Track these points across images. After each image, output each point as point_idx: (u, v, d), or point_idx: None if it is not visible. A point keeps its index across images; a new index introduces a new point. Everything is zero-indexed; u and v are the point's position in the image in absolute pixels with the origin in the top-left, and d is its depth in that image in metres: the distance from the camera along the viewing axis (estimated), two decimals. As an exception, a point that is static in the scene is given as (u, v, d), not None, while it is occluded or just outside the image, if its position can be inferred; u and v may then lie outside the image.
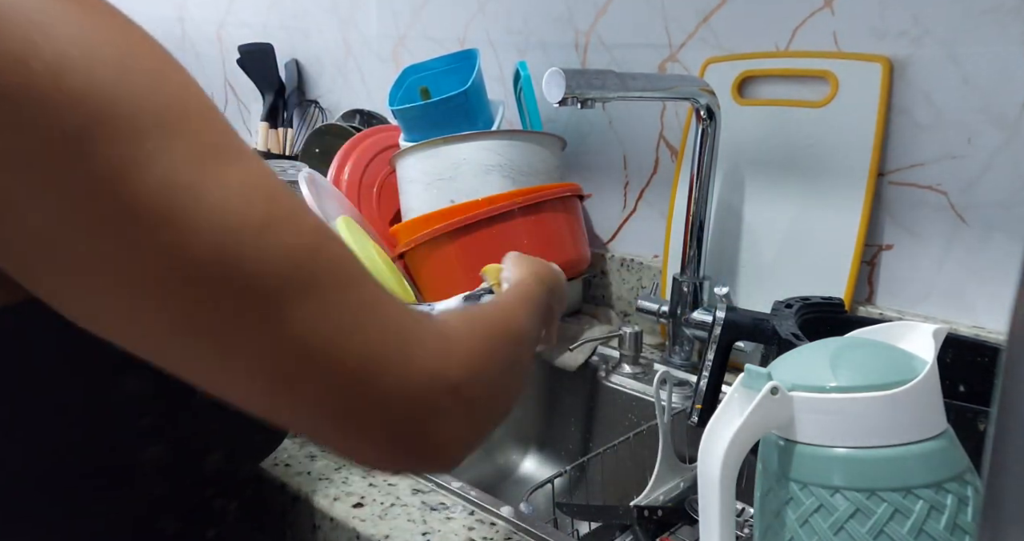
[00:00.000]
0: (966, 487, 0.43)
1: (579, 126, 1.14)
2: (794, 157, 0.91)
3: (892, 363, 0.44)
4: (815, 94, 0.90)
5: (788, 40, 0.92)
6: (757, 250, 0.96)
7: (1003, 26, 0.77)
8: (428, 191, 1.00)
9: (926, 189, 0.85)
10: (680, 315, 0.96)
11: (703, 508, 0.45)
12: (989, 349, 0.67)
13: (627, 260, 1.11)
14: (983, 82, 0.79)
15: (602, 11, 1.08)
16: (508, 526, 0.64)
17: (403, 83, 1.14)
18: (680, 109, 1.03)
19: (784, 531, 0.44)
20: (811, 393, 0.44)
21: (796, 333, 0.64)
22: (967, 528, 0.42)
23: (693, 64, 1.00)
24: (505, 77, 1.22)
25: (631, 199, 1.11)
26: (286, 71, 1.60)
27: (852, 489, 0.42)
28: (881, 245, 0.89)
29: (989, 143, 0.80)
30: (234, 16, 1.72)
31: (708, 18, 0.98)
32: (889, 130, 0.86)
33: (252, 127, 1.74)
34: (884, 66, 0.84)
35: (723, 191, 0.98)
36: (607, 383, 0.98)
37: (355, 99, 1.51)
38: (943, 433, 0.44)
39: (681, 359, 0.99)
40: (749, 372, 0.45)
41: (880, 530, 0.41)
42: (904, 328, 0.48)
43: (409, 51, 1.37)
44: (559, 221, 0.99)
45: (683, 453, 0.80)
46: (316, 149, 1.40)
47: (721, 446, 0.43)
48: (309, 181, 0.98)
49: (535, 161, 1.00)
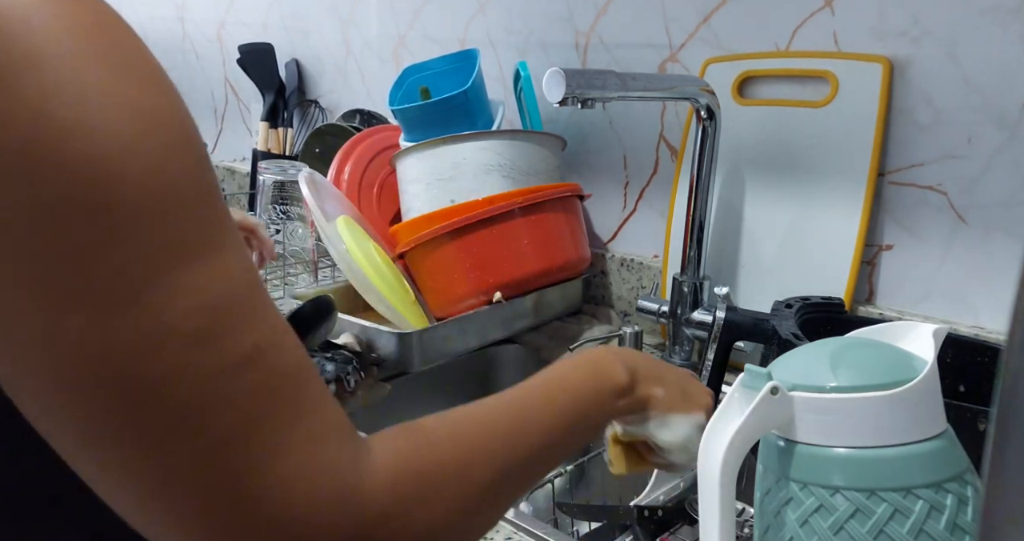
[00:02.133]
0: (966, 487, 0.43)
1: (579, 126, 1.14)
2: (794, 157, 0.91)
3: (892, 363, 0.44)
4: (815, 94, 0.90)
5: (788, 40, 0.92)
6: (757, 250, 0.96)
7: (1003, 26, 0.77)
8: (428, 191, 1.00)
9: (926, 189, 0.85)
10: (680, 315, 0.96)
11: (703, 508, 0.45)
12: (989, 349, 0.67)
13: (627, 260, 1.11)
14: (983, 82, 0.79)
15: (602, 11, 1.08)
16: (508, 526, 0.64)
17: (403, 83, 1.14)
18: (680, 109, 1.03)
19: (784, 531, 0.44)
20: (811, 393, 0.44)
21: (796, 333, 0.64)
22: (967, 528, 0.42)
23: (693, 64, 1.00)
24: (505, 77, 1.22)
25: (631, 199, 1.11)
26: (286, 71, 1.60)
27: (852, 489, 0.42)
28: (881, 245, 0.89)
29: (989, 143, 0.80)
30: (234, 16, 1.72)
31: (708, 18, 0.98)
32: (889, 130, 0.86)
33: (252, 127, 1.74)
34: (884, 66, 0.84)
35: (723, 191, 0.98)
36: (607, 383, 0.98)
37: (355, 99, 1.51)
38: (943, 433, 0.44)
39: (681, 359, 0.99)
40: (749, 372, 0.45)
41: (880, 530, 0.41)
42: (904, 328, 0.48)
43: (409, 51, 1.37)
44: (559, 221, 0.99)
45: (683, 453, 0.80)
46: (316, 149, 1.40)
47: (721, 446, 0.43)
48: (309, 181, 0.98)
49: (535, 161, 1.00)
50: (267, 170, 1.19)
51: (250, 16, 1.68)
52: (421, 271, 1.01)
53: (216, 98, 1.85)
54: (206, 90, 1.86)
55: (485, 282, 0.95)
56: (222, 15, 1.74)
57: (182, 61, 1.90)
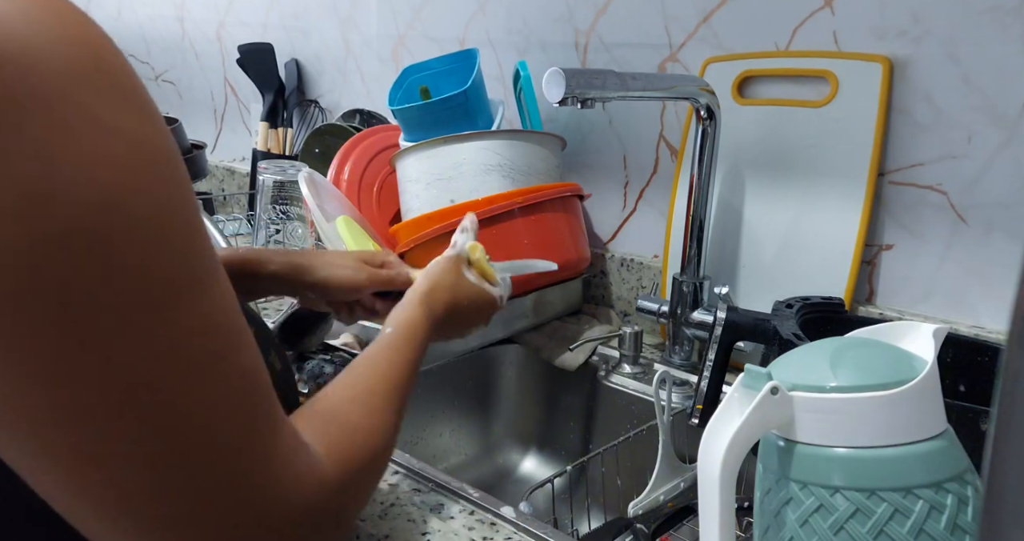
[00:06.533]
0: (966, 487, 0.43)
1: (579, 126, 1.14)
2: (794, 157, 0.91)
3: (892, 363, 0.44)
4: (815, 94, 0.90)
5: (788, 40, 0.92)
6: (757, 250, 0.96)
7: (1003, 26, 0.77)
8: (428, 191, 1.00)
9: (926, 189, 0.85)
10: (680, 315, 0.96)
11: (703, 508, 0.45)
12: (989, 349, 0.67)
13: (627, 260, 1.11)
14: (983, 82, 0.79)
15: (602, 11, 1.08)
16: (508, 526, 0.64)
17: (403, 83, 1.14)
18: (680, 109, 1.03)
19: (784, 531, 0.44)
20: (811, 393, 0.44)
21: (797, 333, 0.64)
22: (967, 528, 0.42)
23: (693, 64, 1.00)
24: (505, 77, 1.22)
25: (631, 199, 1.11)
26: (286, 71, 1.60)
27: (852, 489, 0.42)
28: (881, 245, 0.89)
29: (989, 143, 0.80)
30: (234, 16, 1.72)
31: (708, 18, 0.98)
32: (889, 130, 0.86)
33: (252, 127, 1.74)
34: (884, 66, 0.84)
35: (723, 191, 0.98)
36: (607, 383, 0.98)
37: (355, 99, 1.51)
38: (943, 433, 0.44)
39: (681, 359, 0.99)
40: (749, 372, 0.45)
41: (880, 530, 0.41)
42: (904, 328, 0.48)
43: (409, 51, 1.37)
44: (559, 221, 0.99)
45: (683, 453, 0.80)
46: (316, 149, 1.40)
47: (721, 446, 0.43)
48: (309, 181, 0.98)
49: (535, 161, 1.00)
50: (267, 170, 1.19)
51: (250, 16, 1.68)
52: (421, 271, 1.01)
53: (216, 98, 1.85)
54: (206, 90, 1.86)
55: (485, 282, 0.95)
56: (222, 15, 1.74)
57: (182, 61, 1.90)
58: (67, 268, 0.29)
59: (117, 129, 0.31)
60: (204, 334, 0.34)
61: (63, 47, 0.30)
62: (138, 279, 0.31)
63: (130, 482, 0.33)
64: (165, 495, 0.34)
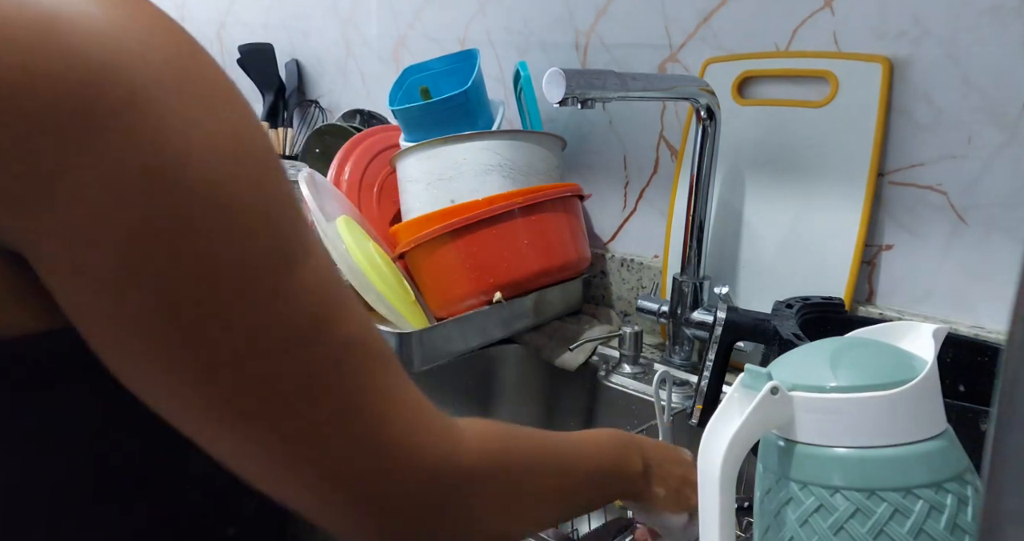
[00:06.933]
0: (966, 487, 0.43)
1: (579, 126, 1.14)
2: (794, 157, 0.91)
3: (892, 363, 0.44)
4: (815, 94, 0.90)
5: (788, 40, 0.92)
6: (757, 250, 0.96)
7: (1003, 26, 0.77)
8: (428, 191, 1.00)
9: (926, 189, 0.85)
10: (680, 315, 0.96)
11: (703, 508, 0.45)
12: (989, 349, 0.67)
13: (627, 260, 1.11)
14: (983, 82, 0.79)
15: (602, 11, 1.08)
16: (508, 526, 0.64)
17: (403, 83, 1.14)
18: (680, 109, 1.03)
19: (784, 531, 0.44)
20: (811, 393, 0.44)
21: (797, 333, 0.64)
22: (967, 528, 0.42)
23: (693, 64, 1.00)
24: (505, 77, 1.22)
25: (631, 199, 1.11)
26: (286, 71, 1.60)
27: (852, 489, 0.42)
28: (881, 245, 0.89)
29: (989, 143, 0.80)
30: (234, 16, 1.72)
31: (708, 18, 0.98)
32: (889, 130, 0.86)
33: (252, 127, 1.73)
34: (884, 66, 0.84)
35: (723, 191, 0.98)
36: (607, 383, 0.98)
37: (355, 99, 1.51)
38: (943, 433, 0.43)
39: (681, 359, 0.99)
40: (749, 372, 0.45)
41: (880, 530, 0.41)
42: (904, 328, 0.48)
43: (409, 51, 1.37)
44: (559, 221, 0.99)
45: (683, 453, 0.80)
46: (316, 149, 1.40)
47: (721, 446, 0.43)
48: (309, 181, 0.98)
49: (535, 161, 1.00)
50: (267, 170, 1.19)
51: (250, 16, 1.68)
52: (421, 271, 1.01)
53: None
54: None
55: (485, 282, 0.95)
56: (222, 15, 1.74)
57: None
58: (183, 256, 0.33)
59: (215, 123, 0.34)
60: (311, 304, 0.36)
61: (168, 56, 0.33)
62: (246, 266, 0.34)
63: (264, 437, 0.36)
64: (281, 451, 0.37)
